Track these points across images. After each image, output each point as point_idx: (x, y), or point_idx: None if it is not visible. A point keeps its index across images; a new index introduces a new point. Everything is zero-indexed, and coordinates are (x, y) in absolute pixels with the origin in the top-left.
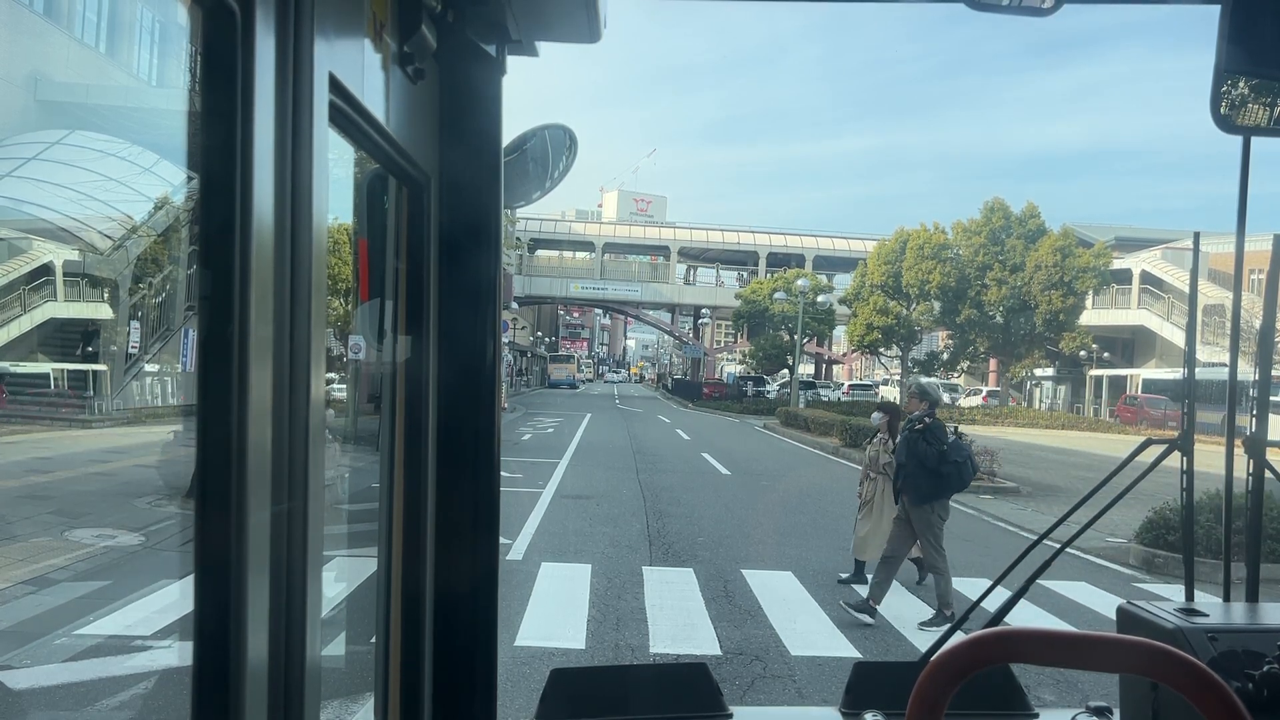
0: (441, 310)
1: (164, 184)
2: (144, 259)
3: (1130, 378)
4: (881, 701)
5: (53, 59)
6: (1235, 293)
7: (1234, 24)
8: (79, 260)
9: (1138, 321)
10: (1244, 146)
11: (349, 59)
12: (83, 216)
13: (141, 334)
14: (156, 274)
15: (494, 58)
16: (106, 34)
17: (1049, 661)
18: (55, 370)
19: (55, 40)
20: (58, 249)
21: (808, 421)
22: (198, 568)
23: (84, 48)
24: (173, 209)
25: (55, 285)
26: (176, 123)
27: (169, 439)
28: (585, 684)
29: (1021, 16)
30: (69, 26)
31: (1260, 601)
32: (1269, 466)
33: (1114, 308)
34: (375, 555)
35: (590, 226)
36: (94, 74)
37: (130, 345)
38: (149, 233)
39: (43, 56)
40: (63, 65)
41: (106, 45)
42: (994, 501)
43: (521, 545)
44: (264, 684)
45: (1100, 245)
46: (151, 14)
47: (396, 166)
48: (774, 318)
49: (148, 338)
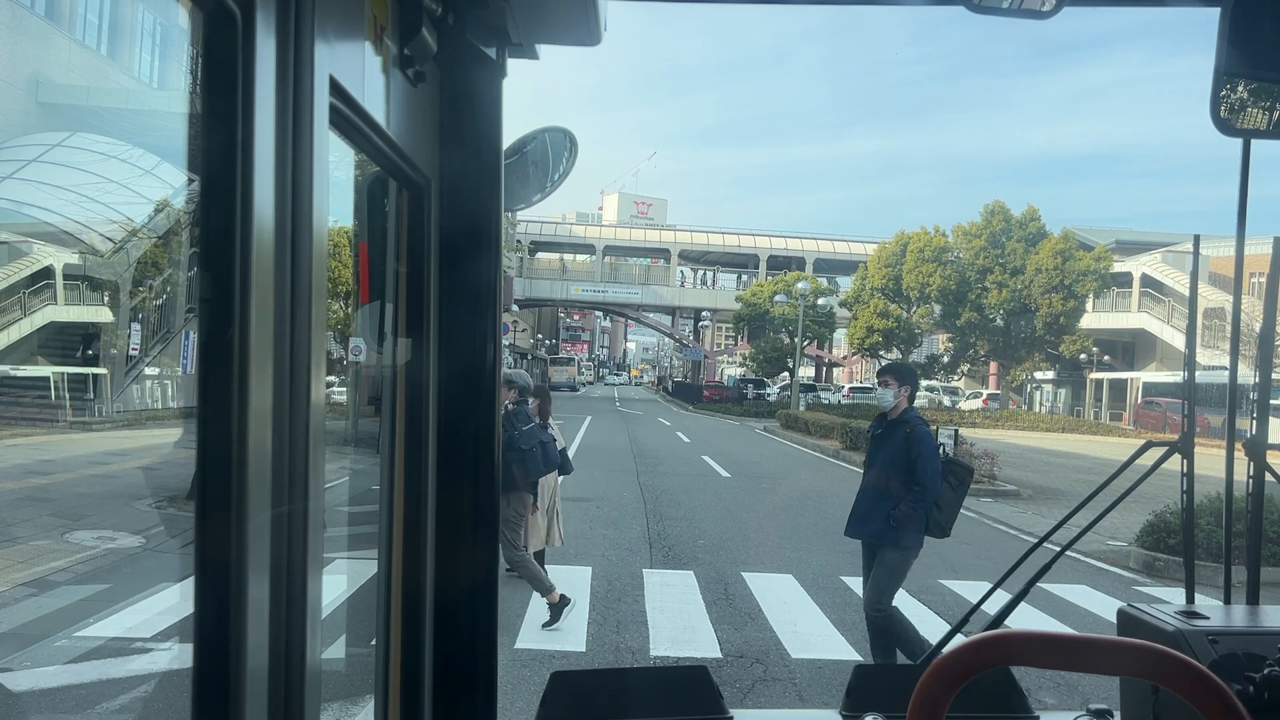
0: (442, 313)
1: (164, 186)
2: (144, 262)
3: (1131, 381)
4: (882, 704)
5: (54, 62)
6: (1235, 296)
7: (1234, 27)
8: (79, 263)
9: (1138, 325)
10: (1244, 149)
11: (349, 62)
12: (83, 219)
13: (142, 337)
14: (156, 277)
15: (494, 60)
16: (107, 37)
17: (1049, 664)
18: (55, 373)
19: (56, 43)
20: (58, 252)
21: (808, 424)
22: (198, 569)
23: (85, 50)
24: (173, 212)
25: (56, 289)
26: (177, 125)
27: (171, 442)
28: (586, 687)
29: (1022, 19)
30: (70, 29)
31: (1261, 604)
32: (1269, 469)
33: (1114, 311)
34: (375, 557)
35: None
36: (95, 77)
37: (130, 348)
38: (148, 235)
39: (44, 59)
40: (64, 68)
41: (107, 48)
42: (994, 505)
43: None
44: (264, 685)
45: (1100, 249)
46: (152, 17)
47: (397, 169)
48: (774, 320)
49: (148, 340)
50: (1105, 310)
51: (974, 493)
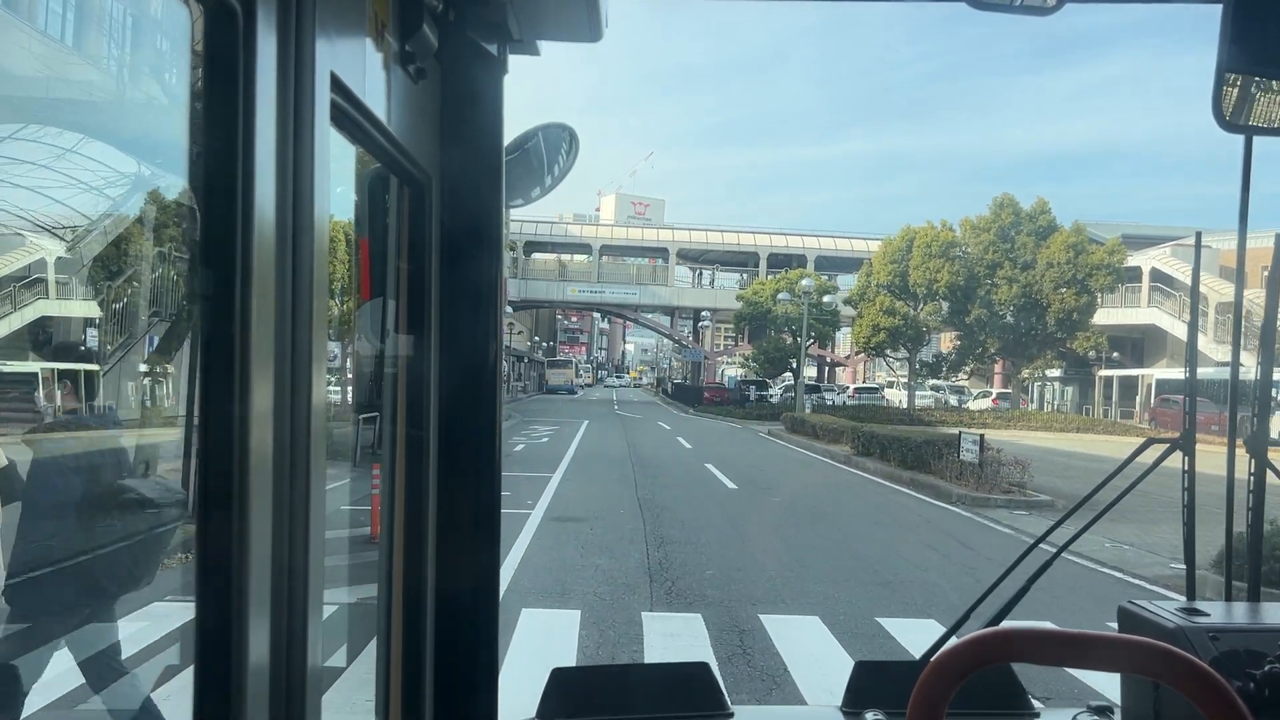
0: (442, 310)
1: (165, 185)
2: (108, 258)
3: (1142, 378)
4: (882, 701)
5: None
6: (1237, 292)
7: (1235, 24)
8: (69, 259)
9: (1148, 320)
10: (1246, 146)
11: (350, 58)
12: (81, 217)
13: (99, 338)
14: (119, 277)
15: (495, 57)
16: (107, 33)
17: (1050, 661)
18: (44, 370)
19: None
20: (49, 243)
21: (815, 428)
22: (199, 568)
23: (83, 46)
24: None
25: (47, 283)
26: (178, 122)
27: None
28: (586, 683)
29: (1024, 16)
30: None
31: (1261, 601)
32: (1270, 466)
33: (1123, 306)
34: (376, 556)
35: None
36: (93, 73)
37: (103, 347)
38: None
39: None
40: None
41: (107, 44)
42: (1030, 518)
43: (501, 584)
44: (265, 685)
45: (1113, 241)
46: (153, 13)
47: (398, 166)
48: (776, 319)
49: (109, 343)
50: (1114, 306)
51: (1006, 504)
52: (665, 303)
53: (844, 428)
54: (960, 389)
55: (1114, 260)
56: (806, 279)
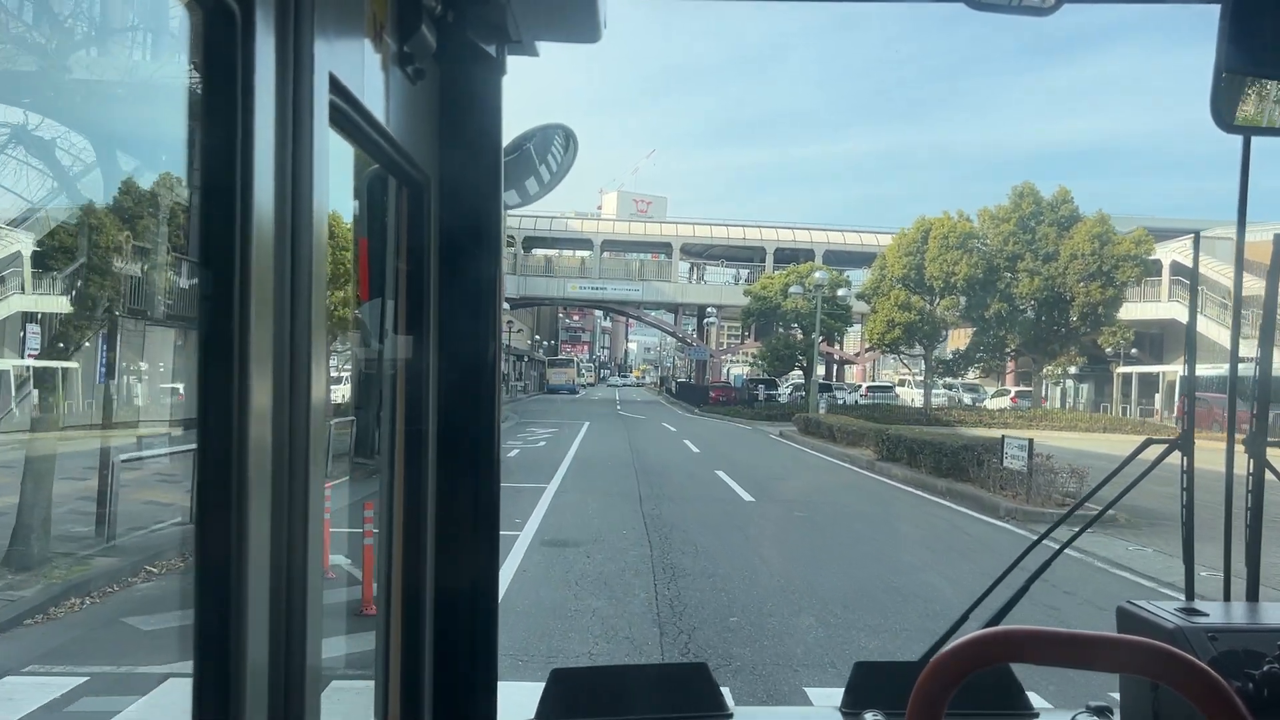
0: (441, 310)
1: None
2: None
3: (1163, 375)
4: (882, 701)
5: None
6: (1235, 291)
7: (1234, 24)
8: (44, 253)
9: (1168, 315)
10: (1244, 145)
11: (349, 59)
12: (78, 214)
13: (41, 339)
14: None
15: (494, 58)
16: (105, 33)
17: (1049, 661)
18: (17, 369)
19: None
20: (25, 237)
21: (831, 429)
22: (198, 568)
23: (81, 45)
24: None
25: (23, 276)
26: (177, 123)
27: None
28: (586, 684)
29: (1022, 16)
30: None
31: (1260, 601)
32: (1269, 466)
33: (1143, 300)
34: (376, 554)
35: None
36: (91, 72)
37: (28, 351)
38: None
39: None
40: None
41: (105, 44)
42: (1102, 539)
43: None
44: (264, 685)
45: (1140, 232)
46: (151, 13)
47: (396, 167)
48: (785, 315)
49: (53, 342)
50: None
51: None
52: (669, 299)
53: (864, 430)
54: (974, 387)
55: (1140, 251)
56: (819, 272)
